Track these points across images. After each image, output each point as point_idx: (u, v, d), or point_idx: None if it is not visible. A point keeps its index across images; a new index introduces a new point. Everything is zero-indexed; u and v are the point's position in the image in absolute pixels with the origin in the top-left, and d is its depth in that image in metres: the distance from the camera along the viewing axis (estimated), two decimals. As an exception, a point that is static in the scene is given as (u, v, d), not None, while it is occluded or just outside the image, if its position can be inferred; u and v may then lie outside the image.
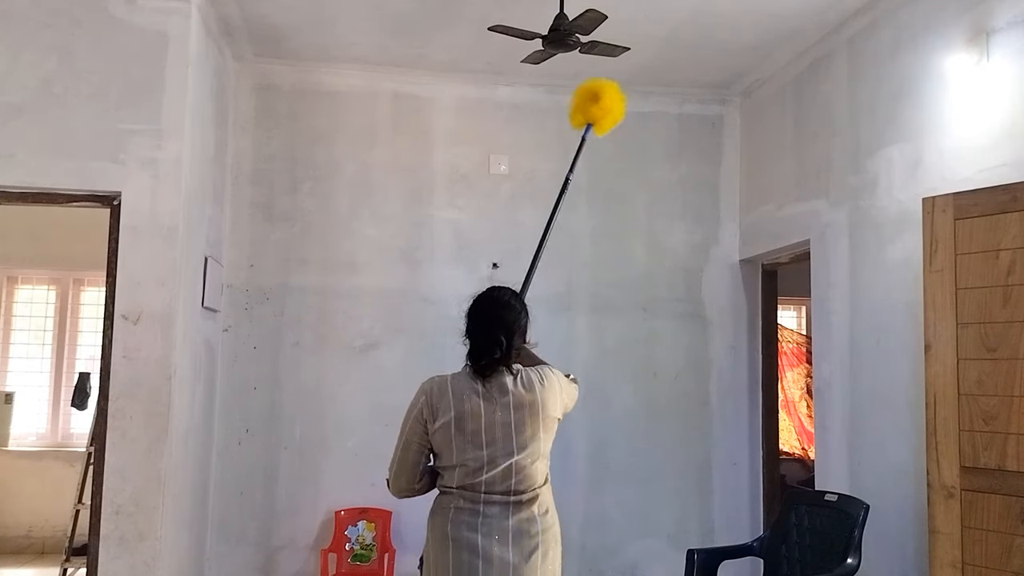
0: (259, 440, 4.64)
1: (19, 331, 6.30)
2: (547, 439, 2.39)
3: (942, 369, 3.01)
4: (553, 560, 2.38)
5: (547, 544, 2.36)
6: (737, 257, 5.16)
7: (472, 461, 2.31)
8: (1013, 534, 2.79)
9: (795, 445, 6.83)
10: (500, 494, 2.31)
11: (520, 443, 2.32)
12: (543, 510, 2.38)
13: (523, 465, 2.32)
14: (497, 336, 2.34)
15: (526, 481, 2.34)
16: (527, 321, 2.48)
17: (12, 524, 5.94)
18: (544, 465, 2.41)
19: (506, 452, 2.31)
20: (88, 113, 3.65)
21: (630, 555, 4.89)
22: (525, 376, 2.38)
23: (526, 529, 2.32)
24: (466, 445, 2.32)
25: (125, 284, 3.62)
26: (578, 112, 3.24)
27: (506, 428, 2.31)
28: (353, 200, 4.83)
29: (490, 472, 2.30)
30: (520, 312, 2.46)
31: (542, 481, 2.40)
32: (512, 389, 2.34)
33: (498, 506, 2.31)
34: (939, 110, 3.46)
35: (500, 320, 2.39)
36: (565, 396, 2.49)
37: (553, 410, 2.39)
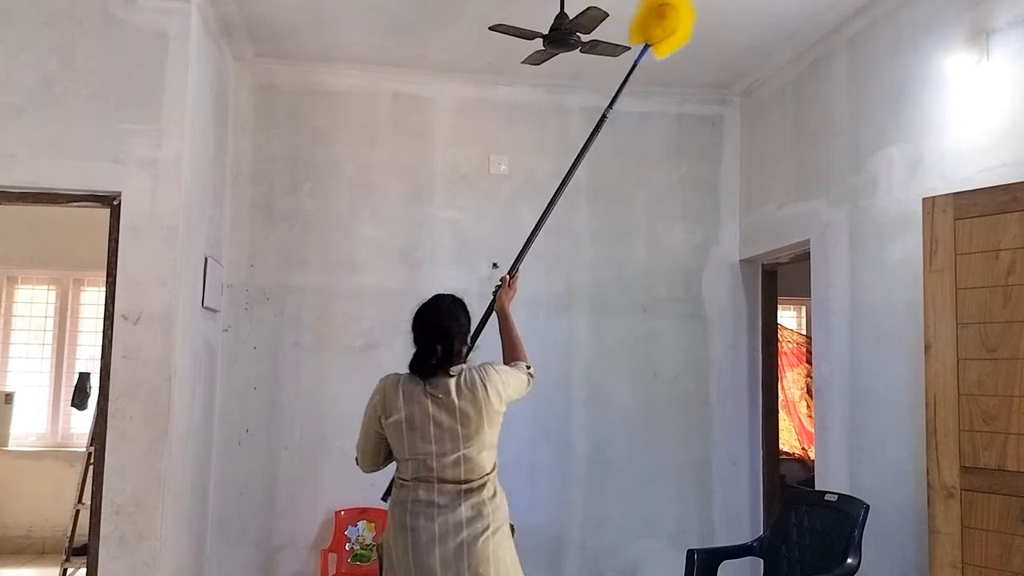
0: (259, 440, 4.64)
1: (19, 331, 6.31)
2: (492, 431, 2.62)
3: (942, 369, 3.01)
4: (503, 536, 2.60)
5: (497, 523, 2.58)
6: (737, 257, 5.16)
7: (424, 455, 2.54)
8: (1013, 534, 2.80)
9: (795, 445, 6.83)
10: (452, 483, 2.53)
11: (466, 437, 2.54)
12: (491, 494, 2.59)
13: (470, 456, 2.55)
14: (434, 344, 2.56)
15: (475, 470, 2.56)
16: (467, 324, 2.69)
17: (12, 524, 5.95)
18: (491, 454, 2.63)
19: (454, 446, 2.53)
20: (88, 113, 3.65)
21: (630, 555, 4.89)
22: (468, 376, 2.59)
23: (477, 512, 2.54)
24: (416, 440, 2.54)
25: (125, 284, 3.62)
26: (639, 29, 3.09)
27: (452, 424, 2.53)
28: (353, 200, 4.83)
29: (440, 463, 2.53)
30: (459, 318, 2.66)
31: (490, 468, 2.62)
32: (456, 389, 2.55)
33: (450, 494, 2.53)
34: (939, 110, 3.46)
35: (437, 327, 2.60)
36: (510, 390, 2.68)
37: (496, 405, 2.60)
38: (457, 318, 2.65)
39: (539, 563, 4.82)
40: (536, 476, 4.86)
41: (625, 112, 5.14)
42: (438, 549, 2.48)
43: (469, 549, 2.49)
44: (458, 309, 2.69)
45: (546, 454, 4.88)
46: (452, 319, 2.63)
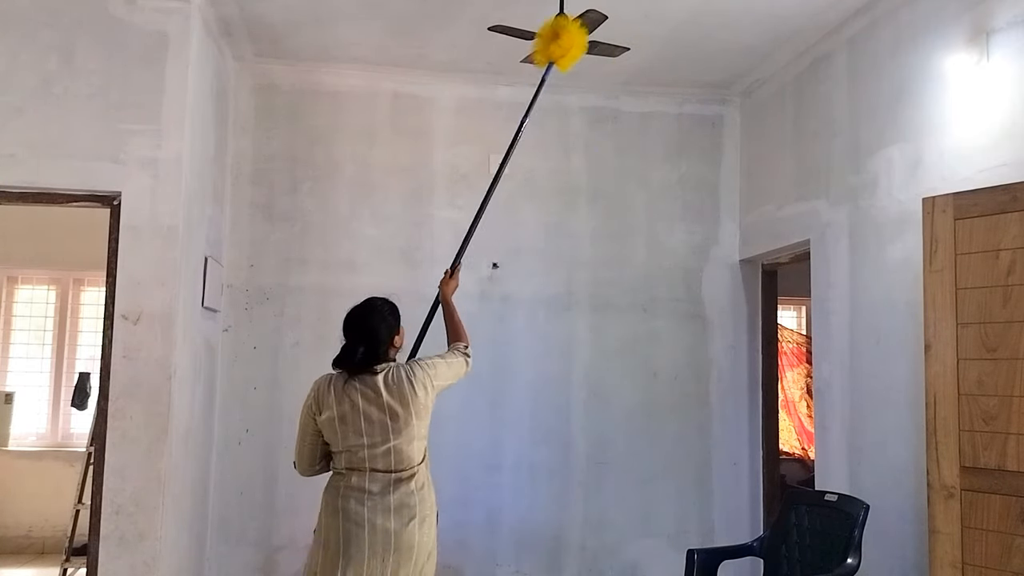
0: (259, 440, 4.64)
1: (19, 331, 6.31)
2: (420, 424, 2.77)
3: (942, 369, 3.01)
4: (430, 526, 2.78)
5: (423, 512, 2.75)
6: (737, 257, 5.16)
7: (355, 447, 2.73)
8: (1013, 534, 2.80)
9: (795, 445, 6.83)
10: (382, 472, 2.72)
11: (395, 430, 2.72)
12: (420, 485, 2.76)
13: (399, 448, 2.73)
14: (357, 344, 2.76)
15: (404, 461, 2.73)
16: (394, 324, 2.87)
17: (12, 524, 5.95)
18: (421, 445, 2.79)
19: (383, 438, 2.71)
20: (88, 113, 3.65)
21: (630, 555, 4.89)
22: (395, 374, 2.76)
23: (405, 501, 2.71)
24: (349, 434, 2.73)
25: (125, 284, 3.62)
26: (539, 53, 3.43)
27: (381, 418, 2.71)
28: (353, 200, 4.83)
29: (372, 454, 2.71)
30: (385, 320, 2.84)
31: (419, 460, 2.78)
32: (384, 386, 2.73)
33: (380, 483, 2.72)
34: (939, 110, 3.46)
35: (361, 329, 2.80)
36: (440, 380, 2.86)
37: (423, 399, 2.76)
38: (382, 321, 2.83)
39: (539, 563, 4.82)
40: (536, 476, 4.86)
41: (625, 112, 5.15)
42: (367, 532, 2.67)
43: (396, 536, 2.68)
44: (385, 312, 2.87)
45: (546, 454, 4.88)
46: (377, 322, 2.82)
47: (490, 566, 4.77)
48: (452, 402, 4.77)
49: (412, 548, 2.70)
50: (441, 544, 4.63)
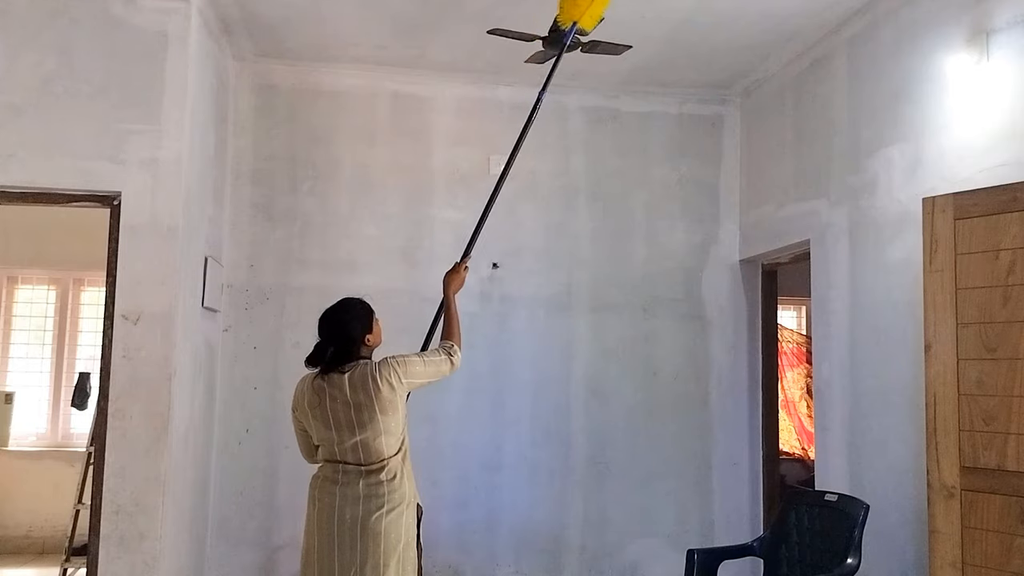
0: (259, 440, 4.63)
1: (19, 331, 6.30)
2: (388, 419, 2.84)
3: (942, 369, 3.01)
4: (398, 516, 2.84)
5: (392, 503, 2.83)
6: (737, 257, 5.16)
7: (327, 440, 2.88)
8: (1013, 534, 2.80)
9: (795, 445, 6.83)
10: (352, 465, 2.84)
11: (360, 424, 2.82)
12: (390, 477, 2.85)
13: (366, 442, 2.82)
14: (326, 345, 2.89)
15: (372, 454, 2.83)
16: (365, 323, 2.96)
17: (12, 524, 5.94)
18: (391, 439, 2.86)
19: (351, 433, 2.83)
20: (88, 113, 3.65)
21: (630, 555, 4.89)
22: (360, 371, 2.85)
23: (373, 492, 2.81)
24: (321, 428, 2.88)
25: (125, 284, 3.62)
26: (564, 13, 3.40)
27: (347, 414, 2.82)
28: (353, 200, 4.83)
29: (341, 448, 2.84)
30: (354, 319, 2.94)
31: (390, 453, 2.86)
32: (348, 384, 2.83)
33: (351, 474, 2.84)
34: (939, 110, 3.46)
35: (330, 329, 2.92)
36: (413, 377, 2.92)
37: (388, 395, 2.83)
38: (353, 321, 2.94)
39: (539, 563, 4.82)
40: (536, 476, 4.86)
41: (625, 112, 5.15)
42: (337, 519, 2.80)
43: (363, 524, 2.78)
44: (357, 312, 2.97)
45: (546, 454, 4.88)
46: (347, 322, 2.93)
47: (490, 566, 4.77)
48: (452, 402, 4.79)
49: (379, 536, 2.77)
50: (441, 544, 4.70)
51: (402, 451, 2.92)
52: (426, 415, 4.71)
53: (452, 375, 3.13)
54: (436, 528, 4.74)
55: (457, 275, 3.35)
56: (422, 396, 4.43)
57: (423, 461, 4.75)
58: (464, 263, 3.40)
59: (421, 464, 4.78)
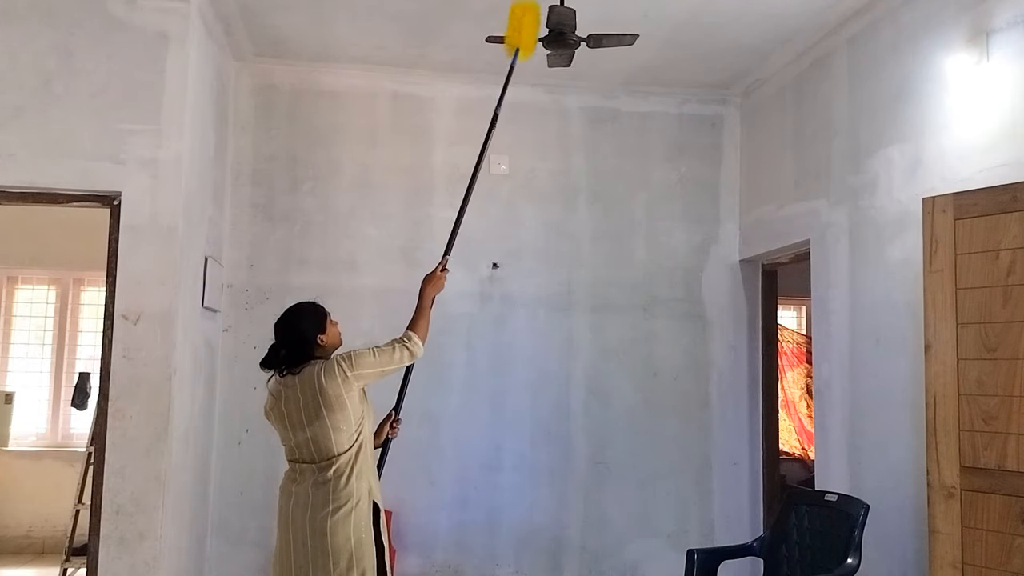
0: (259, 440, 4.63)
1: (19, 331, 6.30)
2: (337, 416, 2.87)
3: (942, 369, 3.01)
4: (346, 515, 2.85)
5: (339, 502, 2.85)
6: (737, 257, 5.16)
7: (285, 438, 2.98)
8: (1013, 534, 2.79)
9: (795, 445, 6.83)
10: (307, 462, 2.91)
11: (309, 421, 2.88)
12: (339, 473, 2.87)
13: (315, 438, 2.88)
14: (277, 347, 2.96)
15: (322, 451, 2.88)
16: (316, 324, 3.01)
17: (12, 524, 5.94)
18: (343, 436, 2.89)
19: (301, 430, 2.90)
20: (88, 113, 3.65)
21: (630, 555, 4.89)
22: (309, 371, 2.90)
23: (320, 491, 2.86)
24: (279, 427, 2.98)
25: (125, 284, 3.62)
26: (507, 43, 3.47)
27: (298, 412, 2.89)
28: (353, 200, 4.83)
29: (297, 445, 2.93)
30: (305, 322, 3.00)
31: (341, 450, 2.89)
32: (297, 383, 2.90)
33: (307, 472, 2.91)
34: (939, 110, 3.46)
35: (281, 332, 2.99)
36: (365, 370, 2.94)
37: (334, 391, 2.86)
38: (303, 323, 2.99)
39: (539, 563, 4.82)
40: (536, 476, 4.86)
41: (625, 112, 5.15)
42: (291, 519, 2.88)
43: (310, 524, 2.83)
44: (307, 315, 3.02)
45: (546, 454, 4.88)
46: (298, 325, 2.99)
47: (490, 566, 4.77)
48: (452, 402, 4.79)
49: (325, 535, 2.81)
50: (441, 544, 4.70)
51: (354, 448, 2.92)
52: (426, 415, 4.71)
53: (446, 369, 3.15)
54: (436, 528, 4.75)
55: (434, 278, 3.29)
56: (422, 396, 4.45)
57: (423, 461, 4.78)
58: (441, 267, 3.31)
59: (421, 464, 4.82)
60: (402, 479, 4.65)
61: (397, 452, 3.77)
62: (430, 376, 4.45)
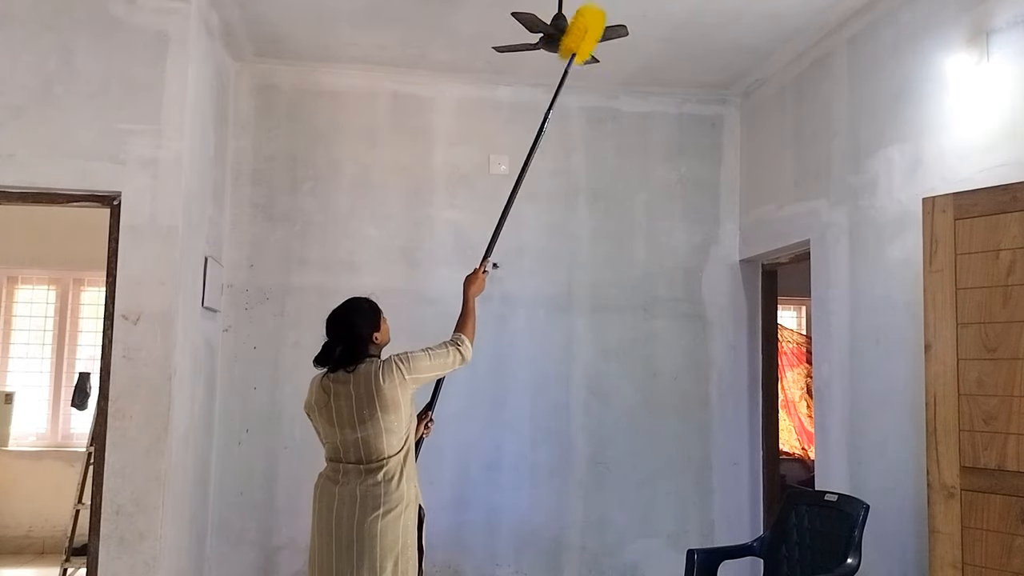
0: (259, 440, 4.63)
1: (19, 331, 6.30)
2: (388, 417, 2.86)
3: (942, 369, 3.01)
4: (396, 517, 2.83)
5: (390, 505, 2.82)
6: (737, 257, 5.16)
7: (330, 437, 2.93)
8: (1013, 534, 2.79)
9: (795, 445, 6.83)
10: (353, 463, 2.88)
11: (361, 421, 2.85)
12: (389, 477, 2.85)
13: (367, 440, 2.85)
14: (332, 345, 2.93)
15: (373, 452, 2.86)
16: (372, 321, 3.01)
17: (12, 524, 5.95)
18: (392, 439, 2.87)
19: (352, 429, 2.86)
20: (88, 113, 3.65)
21: (630, 555, 4.89)
22: (365, 368, 2.88)
23: (371, 492, 2.83)
24: (325, 425, 2.94)
25: (125, 284, 3.62)
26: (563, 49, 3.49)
27: (350, 411, 2.86)
28: (353, 200, 4.83)
29: (344, 446, 2.89)
30: (361, 319, 2.99)
31: (391, 452, 2.87)
32: (353, 381, 2.87)
33: (351, 473, 2.87)
34: (939, 110, 3.46)
35: (334, 330, 2.97)
36: (420, 373, 2.95)
37: (390, 392, 2.85)
38: (360, 320, 2.98)
39: (539, 563, 4.82)
40: (536, 476, 4.86)
41: (625, 112, 5.15)
42: (335, 520, 2.84)
43: (359, 525, 2.80)
44: (364, 311, 3.01)
45: (546, 454, 4.88)
46: (355, 321, 2.97)
47: (490, 566, 4.77)
48: (452, 402, 4.77)
49: (375, 538, 2.78)
50: (441, 544, 4.69)
51: (404, 451, 2.92)
52: (426, 415, 4.71)
53: (463, 367, 3.16)
54: (436, 528, 4.73)
55: (476, 278, 3.36)
56: (422, 396, 4.44)
57: (423, 461, 4.74)
58: (483, 267, 3.42)
59: (421, 464, 4.78)
60: (402, 479, 4.66)
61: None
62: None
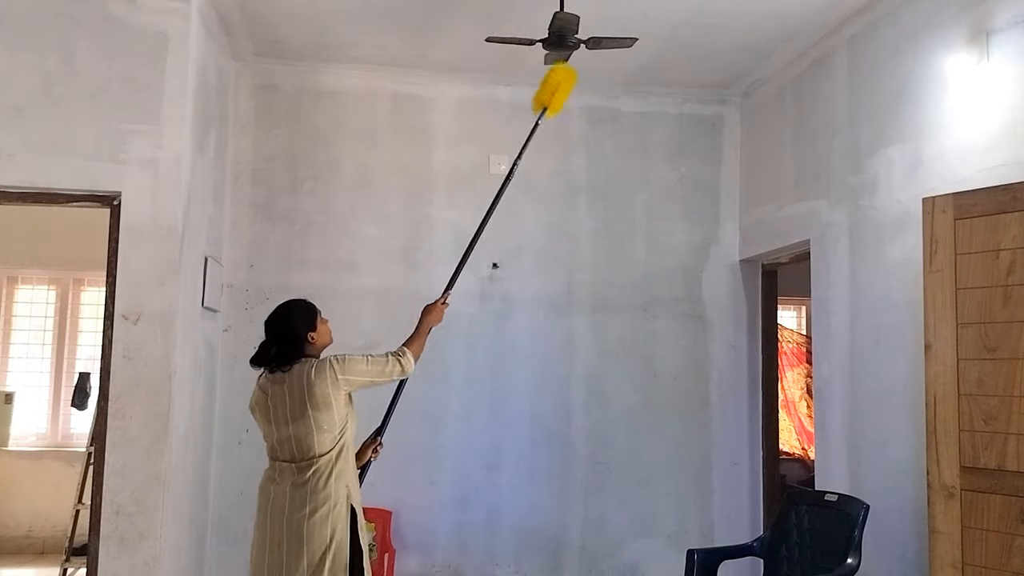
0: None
1: (19, 331, 6.29)
2: (322, 415, 2.87)
3: (942, 369, 3.01)
4: (323, 517, 2.83)
5: (316, 503, 2.83)
6: (737, 257, 5.16)
7: (268, 435, 2.97)
8: (1013, 534, 2.80)
9: (795, 445, 6.83)
10: (287, 461, 2.91)
11: (293, 419, 2.88)
12: (317, 476, 2.86)
13: (299, 437, 2.88)
14: (268, 345, 2.98)
15: (304, 450, 2.87)
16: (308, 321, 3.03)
17: (12, 524, 5.94)
18: (326, 437, 2.88)
19: (284, 426, 2.89)
20: (88, 113, 3.65)
21: (630, 555, 4.89)
22: (299, 367, 2.91)
23: (299, 492, 2.85)
24: (263, 424, 2.98)
25: (125, 284, 3.62)
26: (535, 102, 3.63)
27: (283, 409, 2.89)
28: (353, 200, 4.83)
29: (279, 443, 2.92)
30: (296, 320, 3.02)
31: (322, 451, 2.88)
32: (287, 381, 2.90)
33: (286, 472, 2.90)
34: (939, 110, 3.46)
35: (270, 331, 3.02)
36: (354, 376, 2.95)
37: (322, 391, 2.86)
38: (294, 321, 3.01)
39: (539, 563, 4.82)
40: (536, 476, 4.86)
41: (625, 112, 5.15)
42: (269, 519, 2.87)
43: (287, 522, 2.83)
44: (299, 312, 3.04)
45: (546, 454, 4.88)
46: (289, 322, 3.01)
47: (490, 566, 4.77)
48: (452, 402, 4.79)
49: (302, 537, 2.80)
50: (441, 544, 4.70)
51: (336, 450, 2.91)
52: (426, 415, 4.71)
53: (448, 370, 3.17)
54: (436, 528, 4.75)
55: (435, 308, 3.34)
56: (422, 396, 4.45)
57: (423, 461, 4.78)
58: (443, 299, 3.38)
59: (421, 464, 4.82)
60: (402, 479, 4.66)
61: (397, 452, 3.77)
62: (430, 376, 4.44)
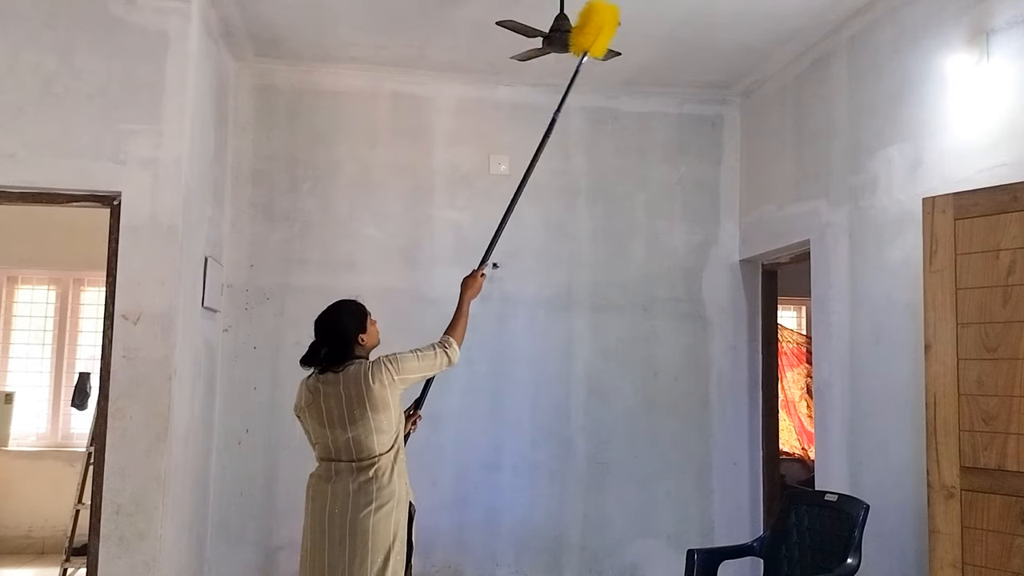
0: (259, 440, 4.64)
1: (19, 331, 6.30)
2: (380, 416, 2.90)
3: (942, 369, 3.01)
4: (388, 513, 2.88)
5: (382, 500, 2.87)
6: (737, 257, 5.16)
7: (321, 437, 2.96)
8: (1013, 534, 2.80)
9: (795, 445, 6.83)
10: (344, 462, 2.91)
11: (352, 421, 2.89)
12: (380, 473, 2.89)
13: (358, 439, 2.89)
14: (318, 346, 3.00)
15: (364, 451, 2.90)
16: (359, 323, 3.05)
17: (12, 524, 5.94)
18: (383, 437, 2.92)
19: (343, 429, 2.90)
20: (88, 113, 3.65)
21: (630, 555, 4.89)
22: (354, 370, 2.93)
23: (363, 488, 2.87)
24: (315, 426, 2.97)
25: (125, 284, 3.62)
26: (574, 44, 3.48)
27: (340, 411, 2.90)
28: (353, 200, 4.83)
29: (335, 446, 2.92)
30: (347, 320, 3.04)
31: (382, 450, 2.92)
32: (342, 382, 2.91)
33: (343, 471, 2.91)
34: (939, 110, 3.46)
35: (323, 330, 3.03)
36: (408, 374, 2.99)
37: (379, 392, 2.89)
38: (345, 321, 3.03)
39: (539, 563, 4.82)
40: (536, 476, 4.86)
41: (625, 112, 5.15)
42: (327, 517, 2.87)
43: (351, 521, 2.84)
44: (350, 313, 3.06)
45: (546, 454, 4.88)
46: (340, 323, 3.03)
47: (490, 566, 4.77)
48: (452, 402, 4.78)
49: (367, 533, 2.82)
50: (441, 544, 4.70)
51: (394, 448, 2.96)
52: (426, 415, 4.67)
53: (451, 369, 3.19)
54: (436, 528, 4.74)
55: (474, 280, 3.39)
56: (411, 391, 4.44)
57: (423, 461, 4.76)
58: (481, 270, 3.45)
59: (421, 464, 4.80)
60: (402, 479, 4.66)
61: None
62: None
